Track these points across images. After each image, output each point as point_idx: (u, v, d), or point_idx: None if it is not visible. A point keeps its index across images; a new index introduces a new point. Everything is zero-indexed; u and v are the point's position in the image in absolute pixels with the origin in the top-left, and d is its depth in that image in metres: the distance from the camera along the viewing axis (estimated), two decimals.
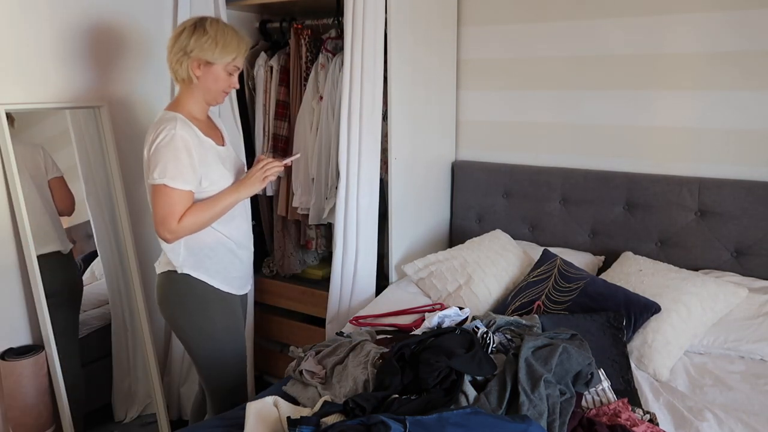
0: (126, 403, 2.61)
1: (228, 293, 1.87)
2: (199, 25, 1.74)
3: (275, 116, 2.68)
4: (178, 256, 1.79)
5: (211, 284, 1.82)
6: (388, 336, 1.89)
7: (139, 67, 2.48)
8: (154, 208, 1.69)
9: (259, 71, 2.71)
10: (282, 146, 2.70)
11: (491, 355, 1.56)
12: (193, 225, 1.71)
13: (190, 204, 1.70)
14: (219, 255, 1.83)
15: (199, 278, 1.80)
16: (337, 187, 2.51)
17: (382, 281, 2.46)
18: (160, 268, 1.86)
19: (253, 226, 2.90)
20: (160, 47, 2.51)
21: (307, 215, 2.62)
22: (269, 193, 2.79)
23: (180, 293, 1.82)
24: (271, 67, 2.67)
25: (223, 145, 1.87)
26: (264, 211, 2.92)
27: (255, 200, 2.91)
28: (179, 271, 1.79)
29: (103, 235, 2.44)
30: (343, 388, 1.55)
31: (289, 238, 2.85)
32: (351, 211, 2.28)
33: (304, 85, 2.61)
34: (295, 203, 2.62)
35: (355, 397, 1.38)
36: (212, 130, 1.86)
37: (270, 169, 1.79)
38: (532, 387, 1.39)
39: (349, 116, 2.22)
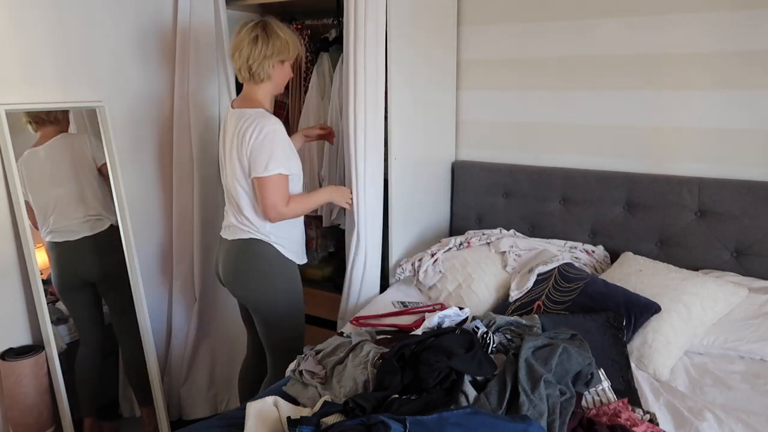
0: (131, 400, 2.61)
1: (294, 262, 2.12)
2: (269, 29, 1.95)
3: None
4: (264, 227, 2.03)
5: (285, 254, 2.07)
6: (388, 336, 1.89)
7: (139, 66, 2.48)
8: (266, 194, 1.92)
9: None
10: None
11: (491, 355, 1.56)
12: (296, 212, 2.01)
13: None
14: (292, 231, 2.09)
15: (276, 247, 2.04)
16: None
17: (383, 281, 2.46)
18: (237, 234, 2.05)
19: None
20: (161, 47, 2.52)
21: (318, 216, 2.62)
22: None
23: (261, 257, 2.05)
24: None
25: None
26: None
27: None
28: (263, 240, 2.02)
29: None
30: (343, 388, 1.55)
31: None
32: (361, 211, 2.28)
33: (304, 86, 2.61)
34: None
35: (355, 397, 1.38)
36: None
37: (350, 199, 2.23)
38: (532, 387, 1.39)
39: (355, 117, 2.22)
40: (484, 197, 2.64)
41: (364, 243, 2.30)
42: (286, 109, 2.68)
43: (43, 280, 2.20)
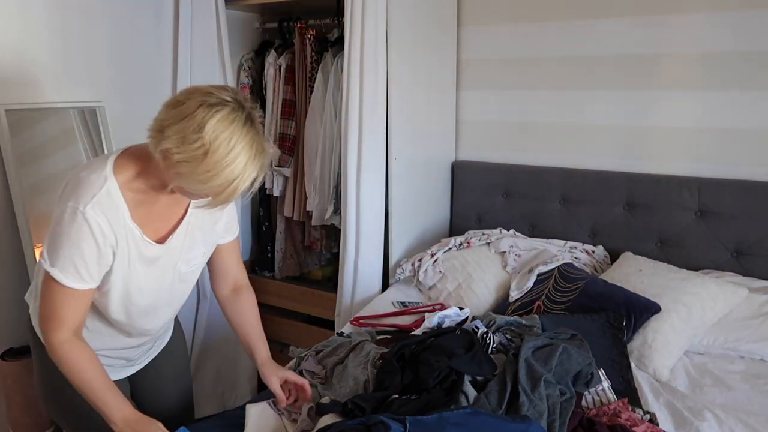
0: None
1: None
2: (201, 113, 1.14)
3: (282, 115, 2.69)
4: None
5: None
6: (388, 336, 1.89)
7: (139, 66, 2.48)
8: (41, 298, 1.32)
9: (269, 69, 2.72)
10: (289, 146, 2.70)
11: (491, 355, 1.56)
12: (65, 368, 1.28)
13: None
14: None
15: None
16: (336, 187, 2.52)
17: (384, 281, 2.46)
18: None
19: (266, 227, 2.92)
20: (161, 47, 2.52)
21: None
22: (276, 193, 2.79)
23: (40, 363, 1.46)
24: (280, 66, 2.67)
25: (162, 242, 1.36)
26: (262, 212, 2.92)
27: (268, 201, 2.92)
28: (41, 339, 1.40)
29: None
30: (343, 388, 1.55)
31: (291, 239, 2.86)
32: (352, 210, 2.29)
33: (310, 85, 2.61)
34: (309, 206, 2.62)
35: (354, 398, 1.37)
36: (158, 214, 1.36)
37: None
38: (532, 387, 1.39)
39: (351, 116, 2.22)
40: (484, 197, 2.64)
41: (353, 242, 2.30)
42: (294, 109, 2.69)
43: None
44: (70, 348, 1.26)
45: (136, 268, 1.34)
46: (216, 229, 1.49)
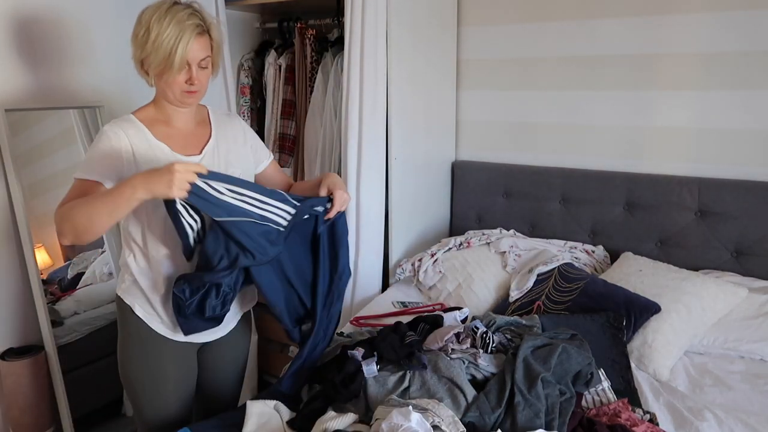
0: None
1: (160, 335, 1.53)
2: (140, 14, 1.48)
3: (282, 115, 2.69)
4: (122, 274, 1.55)
5: (144, 319, 1.52)
6: None
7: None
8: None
9: (269, 69, 2.72)
10: (289, 146, 2.70)
11: (491, 355, 1.56)
12: (69, 218, 1.34)
13: None
14: (149, 282, 1.51)
15: (134, 311, 1.52)
16: None
17: (384, 281, 2.46)
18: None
19: None
20: None
21: None
22: None
23: (121, 327, 1.57)
24: (280, 66, 2.67)
25: (197, 153, 1.52)
26: None
27: None
28: (122, 298, 1.54)
29: (110, 234, 2.45)
30: None
31: None
32: (352, 210, 2.29)
33: (310, 85, 2.61)
34: None
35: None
36: (183, 137, 1.53)
37: (185, 179, 1.28)
38: (529, 386, 1.39)
39: (351, 116, 2.22)
40: (484, 197, 2.64)
41: (354, 242, 2.30)
42: (294, 108, 2.69)
43: (43, 280, 2.20)
44: (60, 208, 1.39)
45: None
46: (245, 152, 1.65)
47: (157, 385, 1.55)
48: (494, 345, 1.59)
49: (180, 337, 1.54)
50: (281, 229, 1.47)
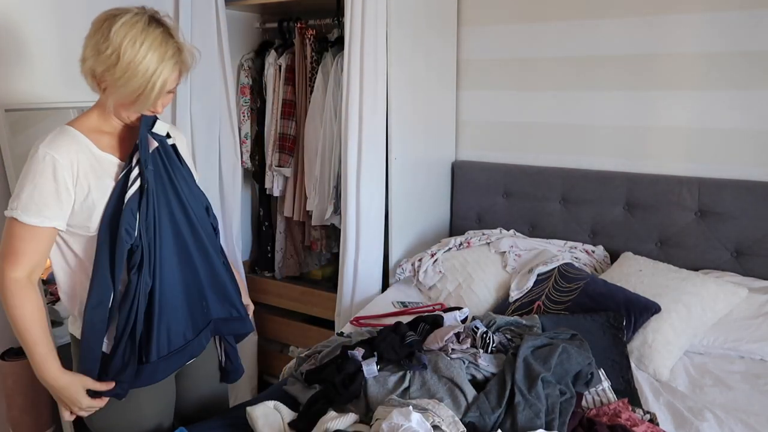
0: None
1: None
2: (107, 23, 1.29)
3: (282, 115, 2.69)
4: (71, 309, 1.44)
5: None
6: None
7: None
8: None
9: (269, 69, 2.72)
10: (289, 146, 2.70)
11: (491, 355, 1.56)
12: (13, 312, 1.33)
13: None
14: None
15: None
16: (336, 187, 2.52)
17: (385, 281, 2.46)
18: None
19: (266, 227, 2.92)
20: None
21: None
22: (276, 193, 2.79)
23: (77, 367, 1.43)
24: (280, 66, 2.67)
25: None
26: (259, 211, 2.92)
27: (268, 201, 2.92)
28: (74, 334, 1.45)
29: None
30: None
31: (291, 239, 2.86)
32: (352, 210, 2.29)
33: (310, 85, 2.61)
34: (309, 206, 2.62)
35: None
36: (131, 144, 1.39)
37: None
38: (529, 386, 1.39)
39: (351, 116, 2.22)
40: (484, 197, 2.64)
41: (354, 241, 2.31)
42: (295, 109, 2.69)
43: (42, 280, 2.20)
44: (20, 288, 1.28)
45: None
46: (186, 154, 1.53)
47: (136, 425, 1.44)
48: (494, 345, 1.59)
49: None
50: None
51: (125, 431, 1.44)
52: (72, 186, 1.29)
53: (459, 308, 1.94)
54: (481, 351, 1.56)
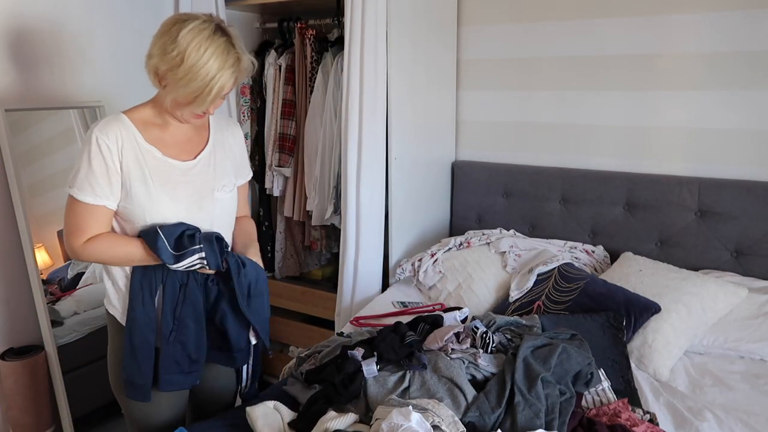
0: None
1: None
2: (176, 27, 1.37)
3: (282, 115, 2.69)
4: (108, 286, 1.51)
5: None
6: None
7: (139, 66, 2.47)
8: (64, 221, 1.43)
9: (269, 69, 2.72)
10: (289, 146, 2.70)
11: (491, 355, 1.56)
12: (98, 255, 1.42)
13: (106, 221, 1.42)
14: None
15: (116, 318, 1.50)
16: (336, 187, 2.52)
17: (385, 281, 2.46)
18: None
19: (266, 227, 2.92)
20: None
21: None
22: (276, 193, 2.79)
23: (111, 338, 1.54)
24: (280, 66, 2.67)
25: (190, 159, 1.50)
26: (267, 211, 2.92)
27: (268, 201, 2.92)
28: (107, 309, 1.52)
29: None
30: None
31: (291, 239, 2.86)
32: (352, 210, 2.29)
33: (310, 85, 2.61)
34: (309, 206, 2.62)
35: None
36: (177, 142, 1.50)
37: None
38: (529, 387, 1.39)
39: (351, 116, 2.22)
40: (484, 197, 2.64)
41: (354, 241, 2.31)
42: (295, 109, 2.69)
43: (43, 280, 2.21)
44: (89, 243, 1.40)
45: (166, 192, 1.44)
46: (235, 163, 1.62)
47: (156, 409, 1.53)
48: (494, 345, 1.59)
49: None
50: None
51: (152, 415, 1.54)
52: (119, 168, 1.40)
53: (459, 308, 1.94)
54: (481, 351, 1.55)
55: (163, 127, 1.48)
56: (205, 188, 1.51)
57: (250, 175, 1.70)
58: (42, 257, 2.25)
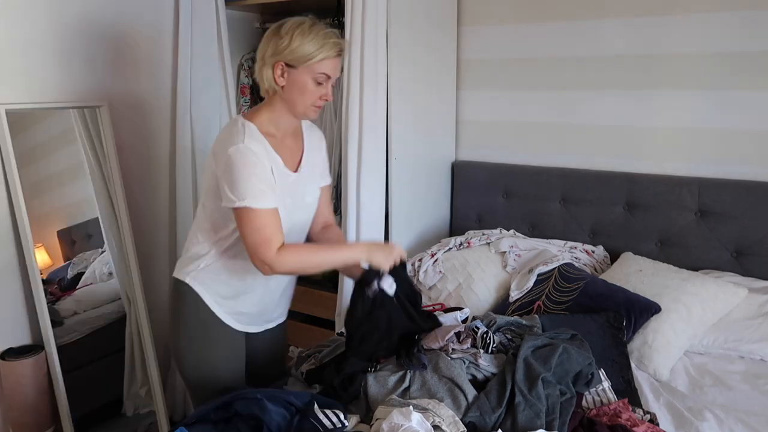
0: (135, 399, 2.61)
1: (228, 325, 1.63)
2: (277, 27, 1.51)
3: None
4: (191, 259, 1.61)
5: (212, 309, 1.61)
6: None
7: (139, 66, 2.48)
8: (243, 236, 1.47)
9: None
10: None
11: (492, 355, 1.56)
12: (295, 264, 1.51)
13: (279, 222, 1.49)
14: (225, 278, 1.61)
15: (201, 296, 1.59)
16: (336, 187, 2.52)
17: None
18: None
19: None
20: (161, 47, 2.52)
21: None
22: None
23: (184, 304, 1.62)
24: None
25: (294, 171, 1.60)
26: None
27: None
28: (185, 281, 1.60)
29: (109, 233, 2.45)
30: None
31: None
32: (352, 210, 2.29)
33: None
34: None
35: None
36: (288, 150, 1.60)
37: (398, 256, 1.57)
38: (530, 387, 1.39)
39: (351, 116, 2.22)
40: (484, 197, 2.64)
41: (354, 241, 2.31)
42: None
43: (43, 280, 2.20)
44: (284, 253, 1.45)
45: (281, 195, 1.51)
46: (322, 166, 1.72)
47: (207, 355, 1.63)
48: (495, 345, 1.59)
49: (236, 326, 1.64)
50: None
51: (197, 356, 1.63)
52: (271, 174, 1.50)
53: (459, 308, 1.94)
54: (482, 351, 1.55)
55: (276, 133, 1.56)
56: (299, 194, 1.60)
57: (329, 180, 1.77)
58: (42, 257, 2.25)
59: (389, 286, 1.54)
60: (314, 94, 1.52)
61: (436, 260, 2.32)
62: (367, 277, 1.53)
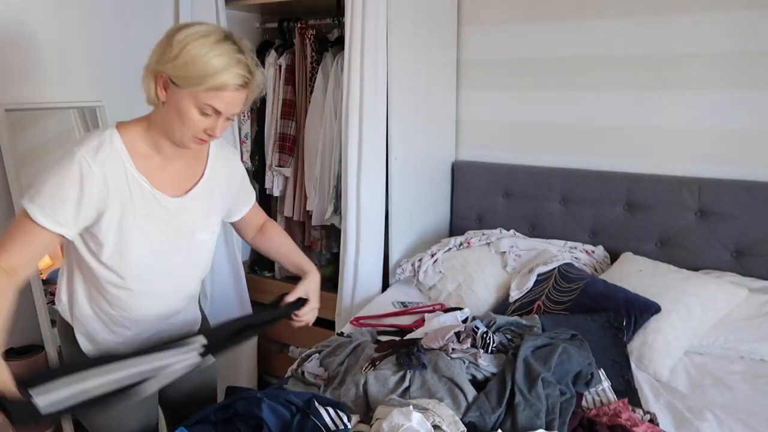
0: None
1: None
2: (175, 30, 1.22)
3: (282, 115, 2.69)
4: (65, 294, 1.48)
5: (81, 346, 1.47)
6: (394, 338, 1.89)
7: (139, 66, 2.46)
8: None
9: (269, 69, 2.72)
10: (289, 146, 2.70)
11: (492, 355, 1.56)
12: None
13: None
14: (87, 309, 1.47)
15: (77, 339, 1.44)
16: (336, 187, 2.52)
17: (385, 281, 2.46)
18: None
19: None
20: None
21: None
22: (276, 193, 2.79)
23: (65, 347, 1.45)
24: (280, 66, 2.68)
25: (180, 195, 1.36)
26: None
27: (268, 201, 2.92)
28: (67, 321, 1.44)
29: None
30: (345, 395, 1.54)
31: (291, 239, 2.86)
32: (352, 210, 2.29)
33: (310, 85, 2.62)
34: (309, 206, 2.62)
35: None
36: (171, 174, 1.35)
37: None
38: (530, 387, 1.39)
39: (351, 116, 2.22)
40: (484, 197, 2.64)
41: (354, 242, 2.31)
42: (295, 109, 2.69)
43: (43, 280, 2.20)
44: (14, 276, 1.26)
45: (141, 228, 1.30)
46: (229, 198, 1.50)
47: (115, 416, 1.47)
48: (494, 345, 1.59)
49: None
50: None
51: (115, 426, 1.48)
52: (93, 197, 1.24)
53: (459, 308, 1.94)
54: (482, 351, 1.55)
55: (157, 155, 1.32)
56: (187, 228, 1.38)
57: (253, 200, 1.63)
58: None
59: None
60: (196, 126, 1.23)
61: (436, 260, 2.32)
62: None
